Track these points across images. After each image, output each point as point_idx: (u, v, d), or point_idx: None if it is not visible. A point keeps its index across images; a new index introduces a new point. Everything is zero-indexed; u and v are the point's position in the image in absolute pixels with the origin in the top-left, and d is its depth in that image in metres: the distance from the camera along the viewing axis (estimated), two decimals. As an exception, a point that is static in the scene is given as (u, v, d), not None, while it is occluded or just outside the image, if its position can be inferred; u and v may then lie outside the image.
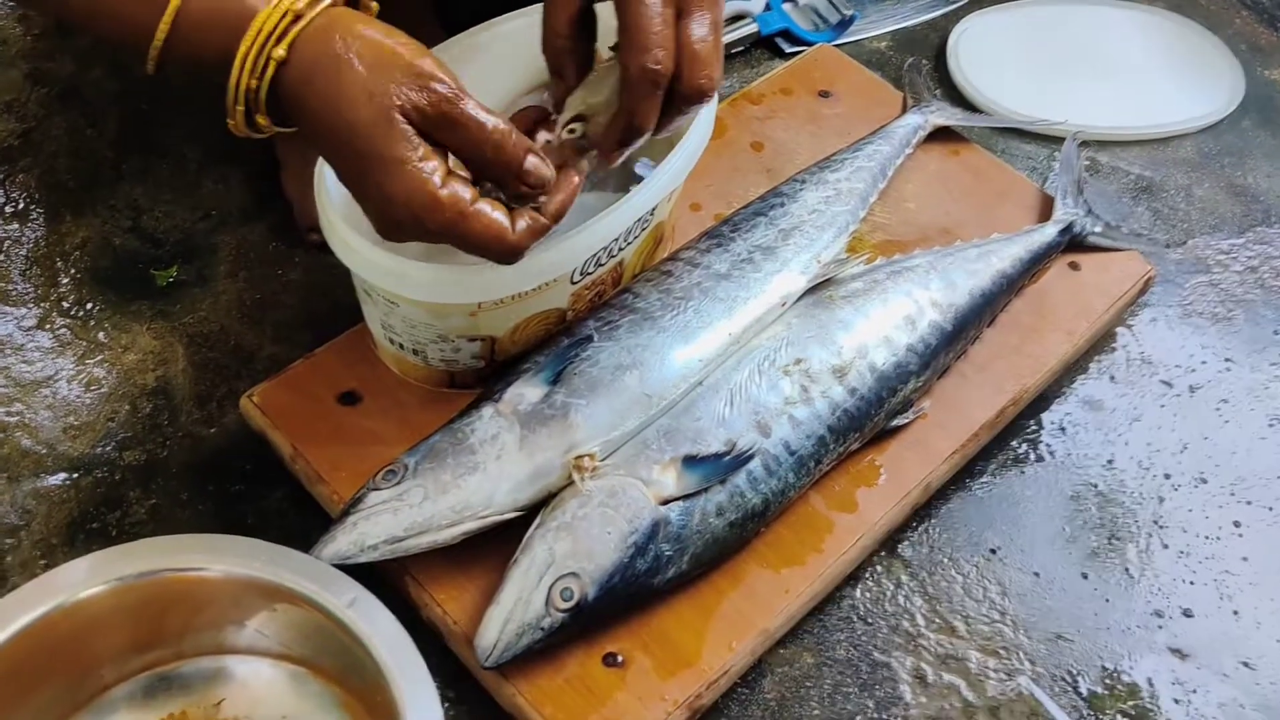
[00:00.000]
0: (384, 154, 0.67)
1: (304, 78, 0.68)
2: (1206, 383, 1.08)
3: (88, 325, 1.04)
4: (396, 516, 0.81)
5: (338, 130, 0.68)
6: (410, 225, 0.70)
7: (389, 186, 0.68)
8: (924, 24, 1.39)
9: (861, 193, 1.04)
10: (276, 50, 0.68)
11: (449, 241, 0.71)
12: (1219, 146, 1.29)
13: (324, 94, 0.68)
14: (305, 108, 0.69)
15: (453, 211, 0.69)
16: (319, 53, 0.68)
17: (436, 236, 0.70)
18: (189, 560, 0.75)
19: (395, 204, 0.69)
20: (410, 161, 0.68)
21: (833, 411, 0.89)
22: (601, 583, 0.79)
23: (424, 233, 0.70)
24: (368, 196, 0.70)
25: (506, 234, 0.72)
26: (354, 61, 0.67)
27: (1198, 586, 0.95)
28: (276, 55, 0.68)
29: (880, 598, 0.93)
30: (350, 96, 0.67)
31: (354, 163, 0.69)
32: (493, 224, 0.71)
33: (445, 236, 0.70)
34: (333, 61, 0.68)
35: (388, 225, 0.72)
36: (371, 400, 0.93)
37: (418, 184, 0.68)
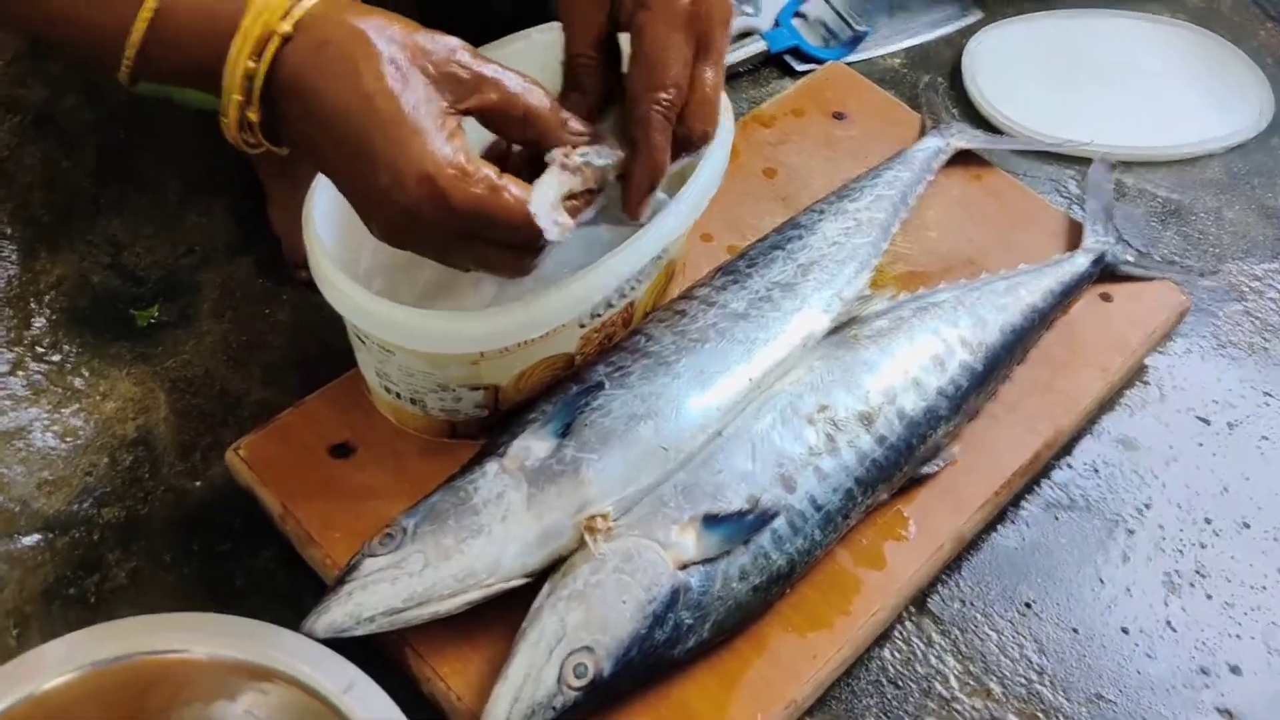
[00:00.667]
0: (410, 124, 0.61)
1: (314, 48, 0.62)
2: (1245, 419, 1.03)
3: (64, 370, 0.98)
4: (395, 586, 0.75)
5: (349, 106, 0.62)
6: (428, 210, 0.62)
7: (406, 163, 0.61)
8: (938, 39, 1.34)
9: (883, 223, 0.98)
10: (282, 25, 0.62)
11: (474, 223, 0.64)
12: (1248, 166, 1.24)
13: (336, 67, 0.62)
14: (308, 86, 0.62)
15: (484, 184, 0.63)
16: (330, 26, 0.63)
17: (460, 219, 0.63)
18: (170, 641, 0.69)
19: (411, 183, 0.61)
20: (438, 130, 0.62)
21: (860, 462, 0.84)
22: (618, 656, 0.74)
23: (444, 216, 0.63)
24: (375, 183, 0.63)
25: None
26: (372, 33, 0.62)
27: (1245, 640, 0.90)
28: (281, 30, 0.62)
29: (910, 659, 0.87)
30: (370, 63, 0.62)
31: (362, 145, 0.62)
32: (524, 198, 0.65)
33: (471, 216, 0.63)
34: (348, 30, 0.62)
35: (397, 216, 0.64)
36: (366, 451, 0.88)
37: (443, 155, 0.62)
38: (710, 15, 0.71)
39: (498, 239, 0.65)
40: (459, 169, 0.62)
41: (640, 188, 0.71)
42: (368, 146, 0.62)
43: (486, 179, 0.63)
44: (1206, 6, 1.40)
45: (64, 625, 0.84)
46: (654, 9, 0.69)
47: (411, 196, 0.62)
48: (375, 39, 0.62)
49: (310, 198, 0.80)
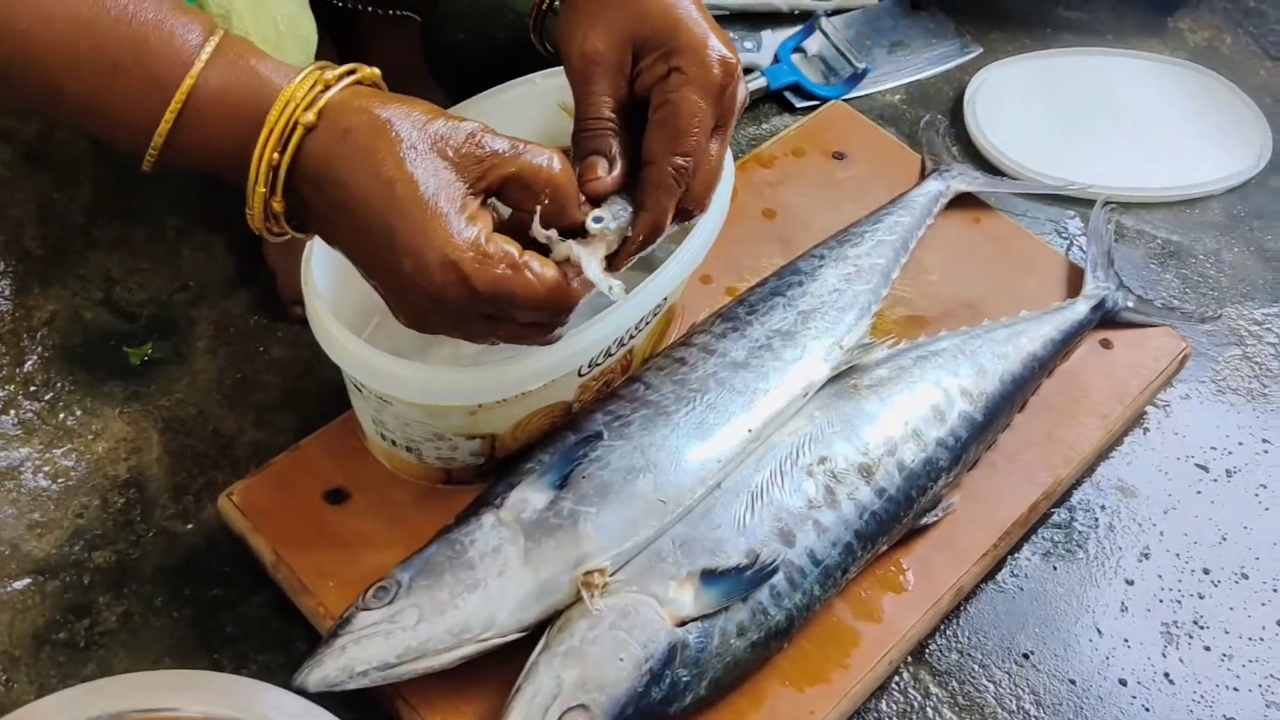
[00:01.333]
0: (428, 209, 0.62)
1: (338, 136, 0.63)
2: (1244, 466, 1.03)
3: (55, 409, 0.97)
4: (389, 640, 0.74)
5: (370, 194, 0.62)
6: (452, 294, 0.63)
7: (428, 249, 0.61)
8: (938, 76, 1.34)
9: (883, 269, 0.98)
10: (306, 115, 0.62)
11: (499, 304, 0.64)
12: (1248, 208, 1.24)
13: (357, 154, 0.62)
14: (331, 178, 0.63)
15: (505, 264, 0.63)
16: (354, 115, 0.63)
17: (484, 302, 0.63)
18: (163, 699, 0.69)
19: (434, 269, 0.62)
20: (459, 215, 0.62)
21: (860, 515, 0.83)
22: (614, 715, 0.73)
23: (469, 299, 0.63)
24: (399, 270, 0.63)
25: (562, 282, 0.65)
26: (393, 120, 0.63)
27: (1242, 693, 0.89)
28: (305, 120, 0.62)
29: (908, 711, 0.86)
30: (391, 151, 0.62)
31: (385, 232, 0.62)
32: (545, 274, 0.64)
33: (495, 297, 0.63)
34: (374, 121, 0.63)
35: (422, 303, 0.64)
36: (361, 498, 0.87)
37: (464, 239, 0.62)
38: (735, 94, 0.71)
39: (521, 317, 0.65)
40: (480, 251, 0.62)
41: (636, 246, 0.70)
42: (390, 233, 0.62)
43: (508, 258, 0.63)
44: (1207, 45, 1.40)
45: (54, 669, 0.83)
46: (690, 77, 0.69)
47: (436, 282, 0.62)
48: (396, 125, 0.62)
49: (310, 243, 0.79)
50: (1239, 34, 1.42)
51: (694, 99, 0.69)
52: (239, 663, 0.84)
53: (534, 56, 0.90)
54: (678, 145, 0.69)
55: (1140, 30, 1.40)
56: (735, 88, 0.71)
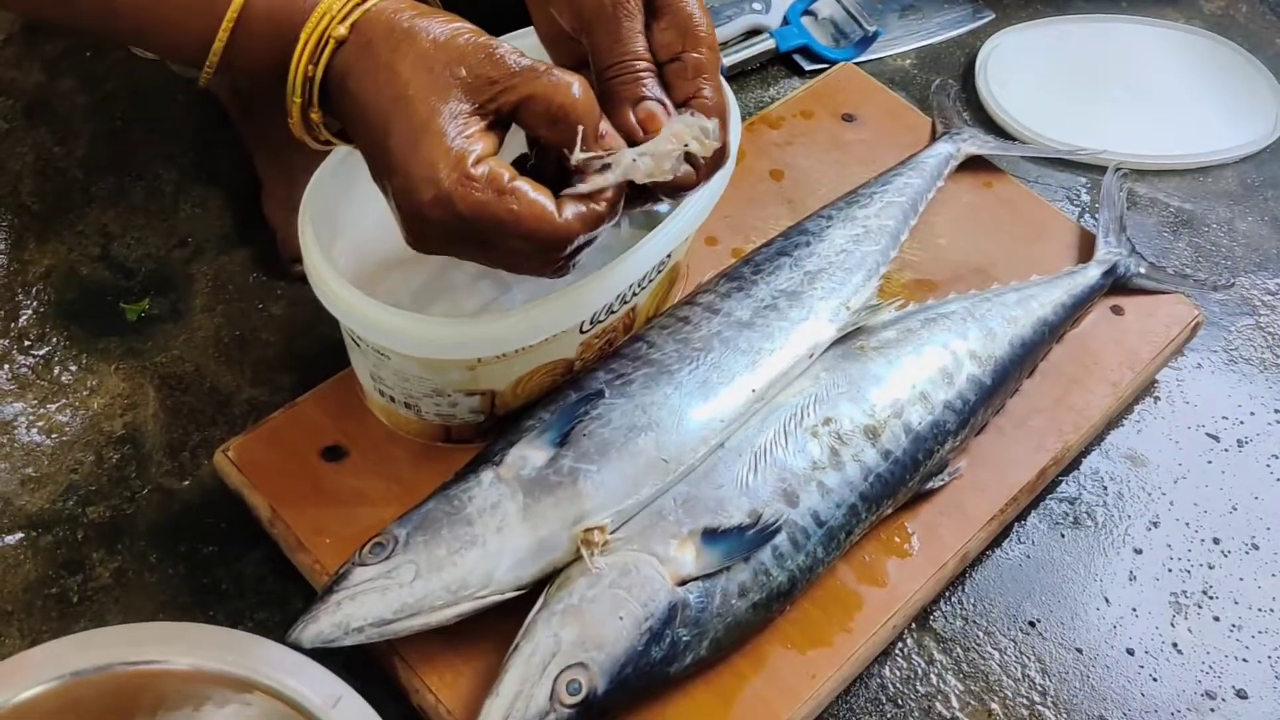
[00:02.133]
0: (424, 125, 0.61)
1: (362, 49, 0.63)
2: (1255, 436, 1.01)
3: (50, 364, 0.95)
4: (385, 597, 0.73)
5: (382, 106, 0.62)
6: (435, 215, 0.61)
7: (415, 166, 0.61)
8: (949, 41, 1.32)
9: (892, 230, 0.96)
10: (338, 29, 0.63)
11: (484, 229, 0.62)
12: (1262, 177, 1.22)
13: (376, 68, 0.63)
14: (353, 87, 0.64)
15: (489, 189, 0.61)
16: (380, 29, 0.64)
17: (468, 225, 0.62)
18: (152, 652, 0.67)
19: (418, 187, 0.61)
20: (451, 135, 0.61)
21: (865, 477, 0.82)
22: (612, 674, 0.72)
23: (454, 220, 0.62)
24: (396, 183, 0.62)
25: (552, 214, 0.63)
26: (416, 35, 0.63)
27: (1252, 664, 0.88)
28: (337, 34, 0.63)
29: (911, 676, 0.85)
30: (405, 67, 0.62)
31: (389, 143, 0.62)
32: (535, 202, 0.62)
33: (479, 222, 0.62)
34: (393, 35, 0.63)
35: (414, 218, 0.63)
36: (359, 455, 0.86)
37: (453, 157, 0.61)
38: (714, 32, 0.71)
39: (512, 245, 0.64)
40: (463, 173, 0.61)
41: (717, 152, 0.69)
42: (386, 148, 0.62)
43: (494, 182, 0.61)
44: (1223, 14, 1.38)
45: (46, 624, 0.82)
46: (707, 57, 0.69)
47: (420, 199, 0.61)
48: (415, 39, 0.63)
49: (307, 195, 0.78)
50: (1254, 3, 1.40)
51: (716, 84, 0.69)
52: (234, 619, 0.83)
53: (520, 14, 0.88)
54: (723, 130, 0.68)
55: (1155, -2, 1.38)
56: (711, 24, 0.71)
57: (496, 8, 0.88)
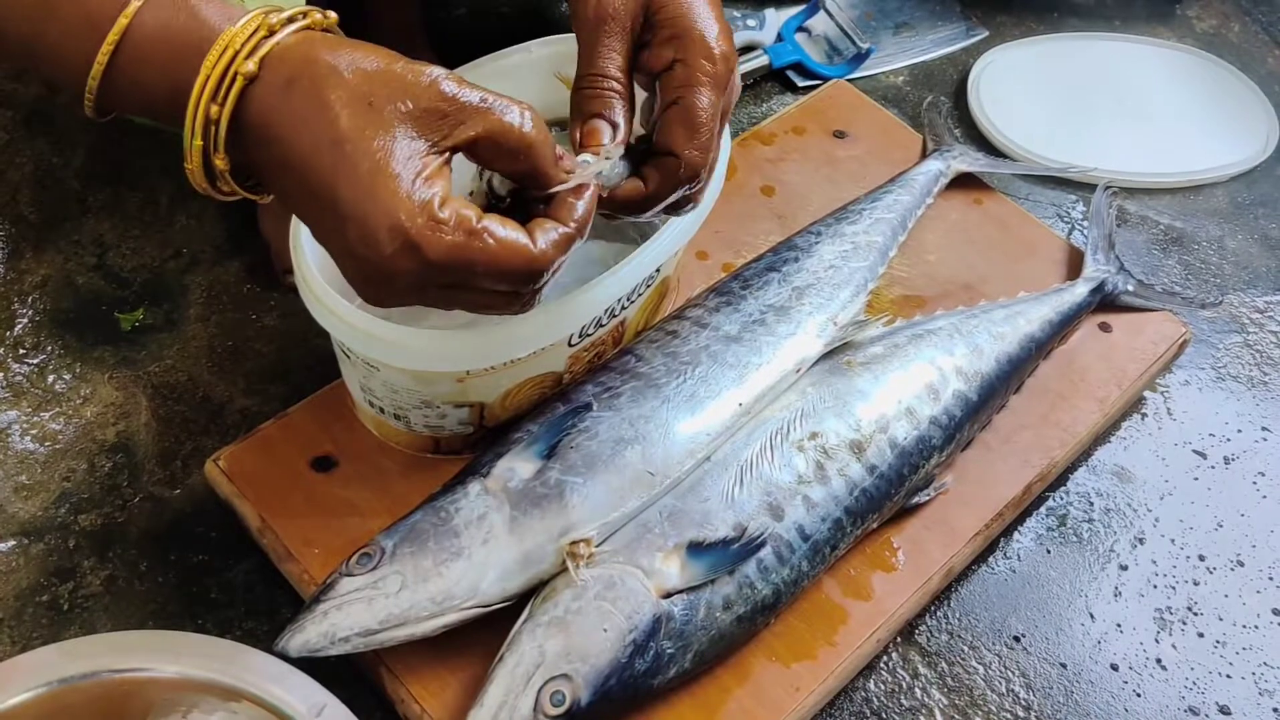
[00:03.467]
0: (377, 169, 0.56)
1: (281, 88, 0.57)
2: (1242, 453, 1.01)
3: (44, 373, 0.96)
4: (371, 607, 0.73)
5: (317, 154, 0.57)
6: (402, 264, 0.57)
7: (375, 215, 0.56)
8: (942, 58, 1.33)
9: (880, 247, 0.97)
10: (246, 64, 0.57)
11: (456, 274, 0.59)
12: (1252, 196, 1.23)
13: (306, 106, 0.57)
14: (273, 134, 0.58)
15: (460, 231, 0.58)
16: (300, 64, 0.58)
17: (439, 272, 0.58)
18: (139, 660, 0.68)
19: (382, 237, 0.56)
20: (410, 179, 0.57)
21: (850, 491, 0.82)
22: (596, 685, 0.72)
23: (423, 268, 0.58)
24: (346, 238, 0.58)
25: (527, 246, 0.60)
26: (345, 68, 0.57)
27: (1235, 681, 0.88)
28: (245, 70, 0.57)
29: (896, 690, 0.86)
30: (341, 105, 0.57)
31: (337, 194, 0.57)
32: (508, 237, 0.59)
33: (451, 267, 0.58)
34: (317, 69, 0.57)
35: (377, 272, 0.58)
36: (348, 466, 0.86)
37: (418, 203, 0.57)
38: (735, 87, 0.71)
39: (483, 286, 0.61)
40: (431, 217, 0.57)
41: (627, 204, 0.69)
42: (335, 198, 0.57)
43: (464, 224, 0.58)
44: (1215, 33, 1.39)
45: (36, 631, 0.83)
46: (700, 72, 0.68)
47: (384, 252, 0.57)
48: (347, 76, 0.57)
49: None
50: (1247, 22, 1.41)
51: (707, 96, 0.68)
52: (223, 628, 0.84)
53: (535, 29, 0.90)
54: (695, 140, 0.67)
55: (1148, 16, 1.39)
56: (735, 79, 0.71)
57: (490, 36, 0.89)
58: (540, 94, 0.90)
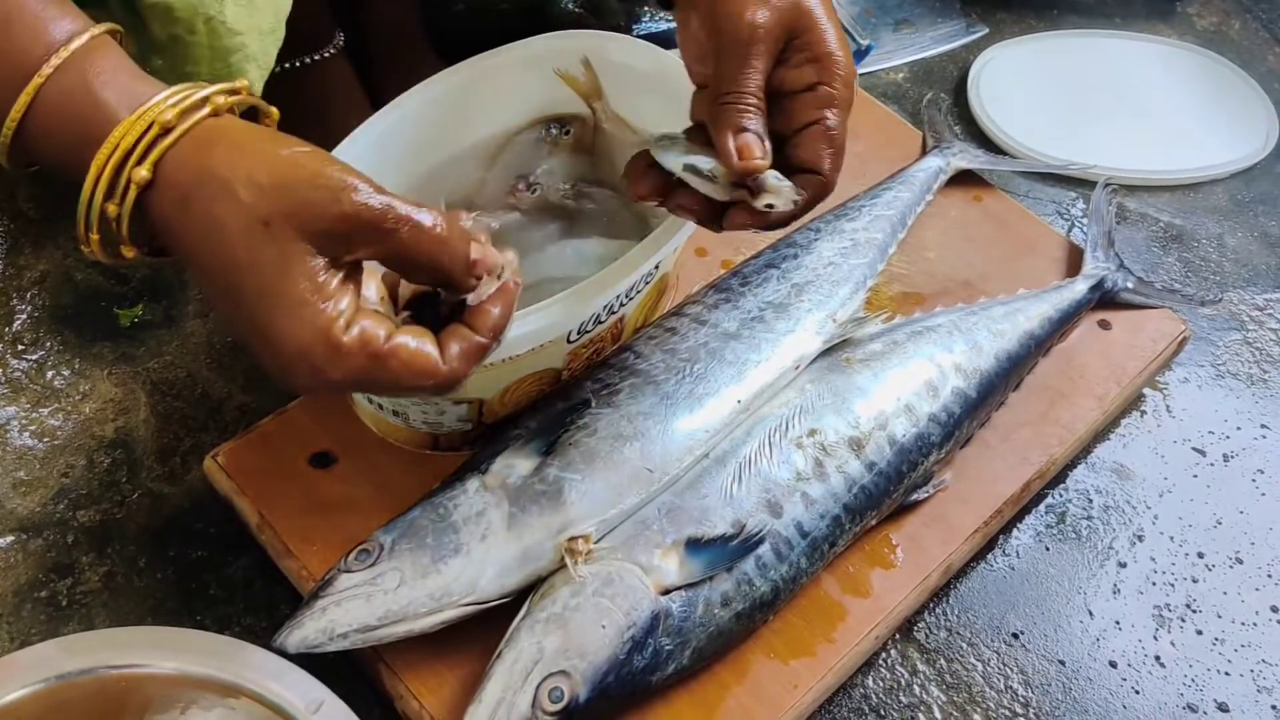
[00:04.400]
0: (278, 295, 0.56)
1: (177, 203, 0.57)
2: (1241, 451, 1.01)
3: (43, 369, 0.96)
4: (370, 603, 0.73)
5: (220, 274, 0.57)
6: (309, 383, 0.58)
7: (282, 336, 0.56)
8: (942, 55, 1.33)
9: (880, 244, 0.97)
10: (138, 171, 0.56)
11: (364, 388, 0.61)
12: (1252, 193, 1.22)
13: (203, 225, 0.56)
14: (180, 240, 0.57)
15: (362, 355, 0.57)
16: (195, 174, 0.56)
17: (348, 388, 0.60)
18: (137, 656, 0.68)
19: (287, 360, 0.57)
20: (310, 303, 0.56)
21: (849, 489, 0.82)
22: (594, 682, 0.72)
23: (331, 386, 0.59)
24: (261, 356, 0.59)
25: (436, 365, 0.60)
26: (240, 182, 0.56)
27: (1234, 678, 0.88)
28: (138, 178, 0.56)
29: (894, 687, 0.86)
30: (237, 228, 0.55)
31: (239, 307, 0.57)
32: (416, 357, 0.59)
33: (360, 385, 0.60)
34: (213, 184, 0.56)
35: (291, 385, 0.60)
36: (347, 462, 0.86)
37: (317, 328, 0.56)
38: None
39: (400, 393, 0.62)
40: (332, 344, 0.57)
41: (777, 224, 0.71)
42: (242, 318, 0.57)
43: (368, 346, 0.58)
44: (1215, 30, 1.39)
45: (35, 627, 0.83)
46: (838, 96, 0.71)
47: (292, 371, 0.58)
48: (241, 192, 0.56)
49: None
50: (1247, 19, 1.41)
51: (843, 118, 0.71)
52: (222, 624, 0.84)
53: (534, 26, 0.90)
54: (837, 160, 0.71)
55: (1148, 14, 1.39)
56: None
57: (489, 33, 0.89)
58: (542, 90, 0.90)
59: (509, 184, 0.91)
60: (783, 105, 0.72)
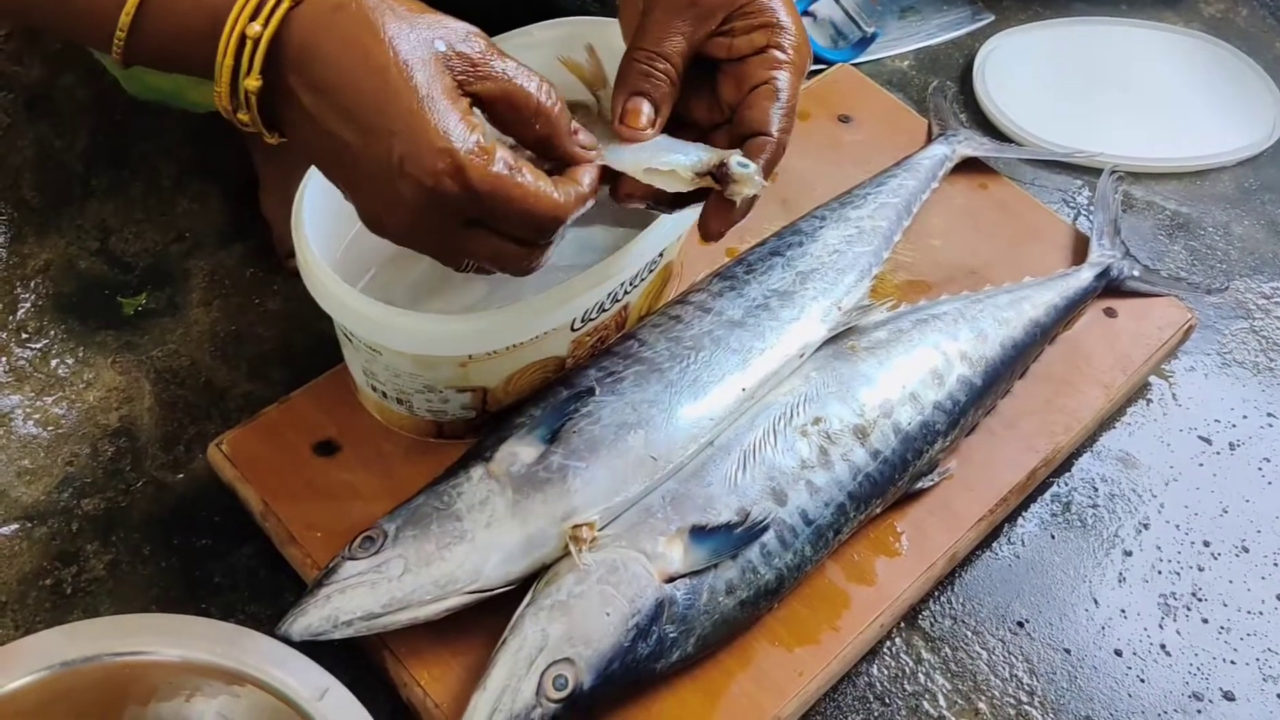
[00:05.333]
0: (429, 95, 0.58)
1: (325, 16, 0.59)
2: (1247, 439, 1.01)
3: (47, 357, 0.96)
4: (374, 591, 0.73)
5: (363, 76, 0.58)
6: (446, 186, 0.58)
7: (425, 134, 0.58)
8: (948, 43, 1.32)
9: (885, 232, 0.97)
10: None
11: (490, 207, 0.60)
12: (1259, 181, 1.22)
13: (351, 33, 0.58)
14: (320, 54, 0.59)
15: (502, 164, 0.60)
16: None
17: (476, 201, 0.59)
18: (142, 643, 0.68)
19: (429, 157, 0.58)
20: (457, 109, 0.59)
21: (854, 477, 0.82)
22: (599, 669, 0.72)
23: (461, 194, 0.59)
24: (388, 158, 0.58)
25: (551, 193, 0.62)
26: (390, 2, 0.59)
27: (1239, 666, 0.88)
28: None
29: (899, 675, 0.86)
30: (386, 35, 0.58)
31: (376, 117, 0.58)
32: (539, 181, 0.62)
33: (489, 198, 0.60)
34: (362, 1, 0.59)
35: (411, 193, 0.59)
36: (351, 450, 0.86)
37: (462, 130, 0.58)
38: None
39: (508, 228, 0.62)
40: (479, 146, 0.59)
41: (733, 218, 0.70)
42: (382, 119, 0.58)
43: (506, 159, 0.60)
44: (1222, 17, 1.38)
45: (40, 615, 0.83)
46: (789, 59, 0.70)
47: (429, 169, 0.58)
48: (392, 8, 0.59)
49: (302, 190, 0.79)
50: (1254, 7, 1.40)
51: (793, 80, 0.70)
52: (226, 612, 0.84)
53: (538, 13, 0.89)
54: (785, 120, 0.69)
55: (1154, 1, 1.38)
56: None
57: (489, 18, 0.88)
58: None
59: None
60: (731, 72, 0.71)
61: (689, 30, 0.70)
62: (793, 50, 0.70)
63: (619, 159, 0.68)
